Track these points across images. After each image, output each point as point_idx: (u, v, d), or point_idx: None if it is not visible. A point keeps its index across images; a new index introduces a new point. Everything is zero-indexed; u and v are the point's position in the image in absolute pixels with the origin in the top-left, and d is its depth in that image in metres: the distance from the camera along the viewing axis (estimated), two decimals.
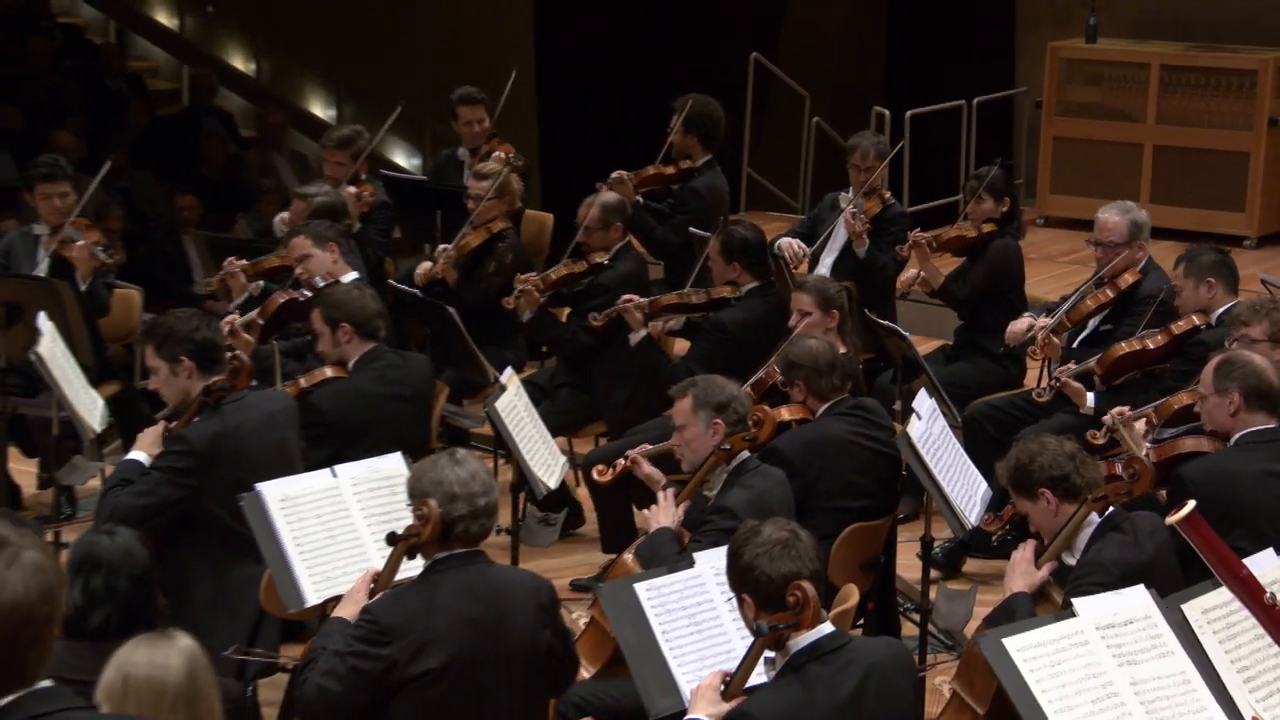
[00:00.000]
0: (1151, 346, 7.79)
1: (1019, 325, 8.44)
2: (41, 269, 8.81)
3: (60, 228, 8.84)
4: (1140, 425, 6.83)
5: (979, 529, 6.60)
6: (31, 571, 3.24)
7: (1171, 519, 4.84)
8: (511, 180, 9.46)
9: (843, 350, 7.47)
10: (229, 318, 8.21)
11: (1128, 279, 8.30)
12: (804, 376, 6.95)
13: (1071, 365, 7.89)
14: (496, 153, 9.76)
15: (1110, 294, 8.29)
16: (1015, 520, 6.01)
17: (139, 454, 6.56)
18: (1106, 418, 6.90)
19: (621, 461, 6.77)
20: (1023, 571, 5.63)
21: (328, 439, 7.34)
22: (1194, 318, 7.78)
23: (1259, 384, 6.35)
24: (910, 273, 9.17)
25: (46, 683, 3.28)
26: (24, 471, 9.23)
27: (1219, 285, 7.80)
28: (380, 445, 7.28)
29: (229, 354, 6.69)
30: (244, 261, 8.85)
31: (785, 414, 6.93)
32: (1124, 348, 7.80)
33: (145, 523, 6.22)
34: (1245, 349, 6.68)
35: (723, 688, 4.76)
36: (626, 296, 8.54)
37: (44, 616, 3.25)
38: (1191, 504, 4.82)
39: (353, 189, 9.62)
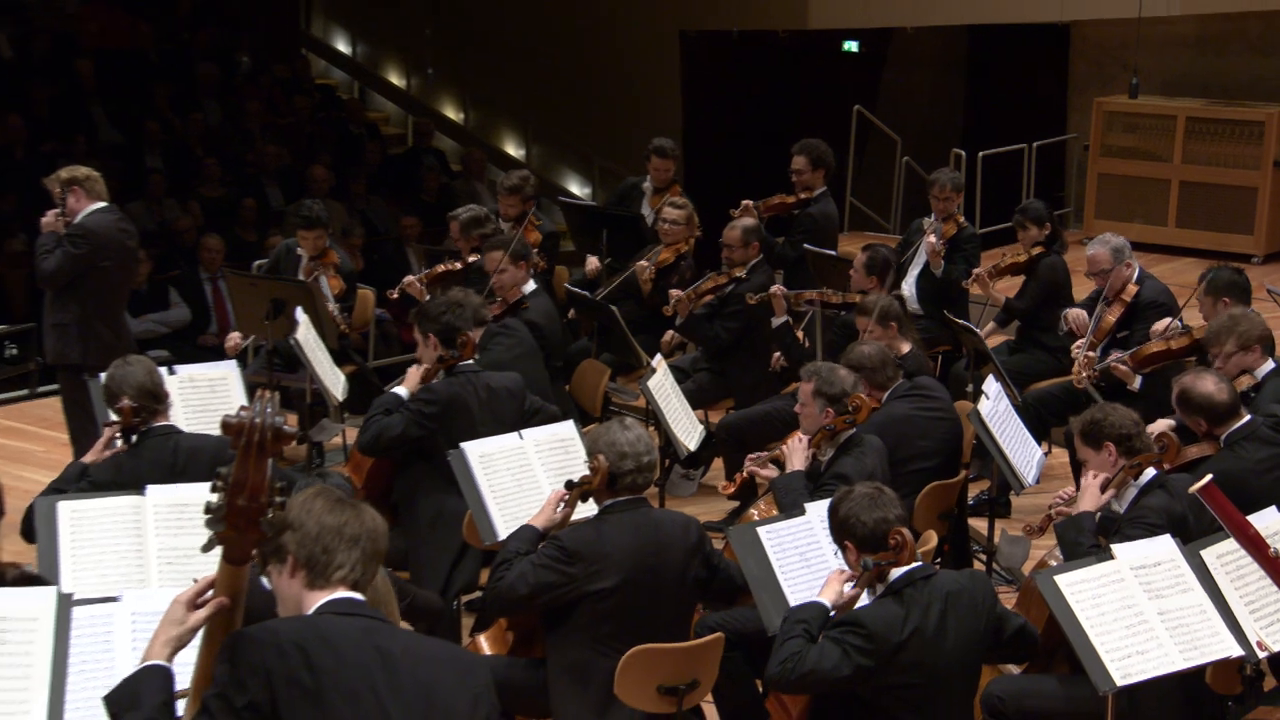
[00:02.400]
0: (1174, 347, 7.70)
1: (1073, 311, 8.40)
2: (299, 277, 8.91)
3: (317, 257, 8.93)
4: (1161, 424, 6.69)
5: None
6: (354, 512, 3.36)
7: (1193, 489, 4.82)
8: (694, 214, 9.51)
9: (906, 349, 7.44)
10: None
11: (1131, 290, 8.19)
12: (865, 375, 6.90)
13: (1116, 354, 7.83)
14: (677, 199, 9.75)
15: (1120, 309, 8.18)
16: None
17: (401, 389, 6.62)
18: None
19: (740, 475, 6.75)
20: (1091, 495, 5.58)
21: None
22: None
23: (1212, 406, 6.19)
24: (988, 330, 9.03)
25: (353, 595, 3.30)
26: None
27: (1234, 302, 7.66)
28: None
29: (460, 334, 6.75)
30: (420, 276, 8.98)
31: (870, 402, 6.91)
32: (1152, 347, 7.72)
33: (389, 447, 6.44)
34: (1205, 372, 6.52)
35: (845, 586, 4.77)
36: (777, 286, 8.55)
37: (354, 538, 3.32)
38: (1209, 476, 4.81)
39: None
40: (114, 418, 5.84)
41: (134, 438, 5.79)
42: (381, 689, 3.18)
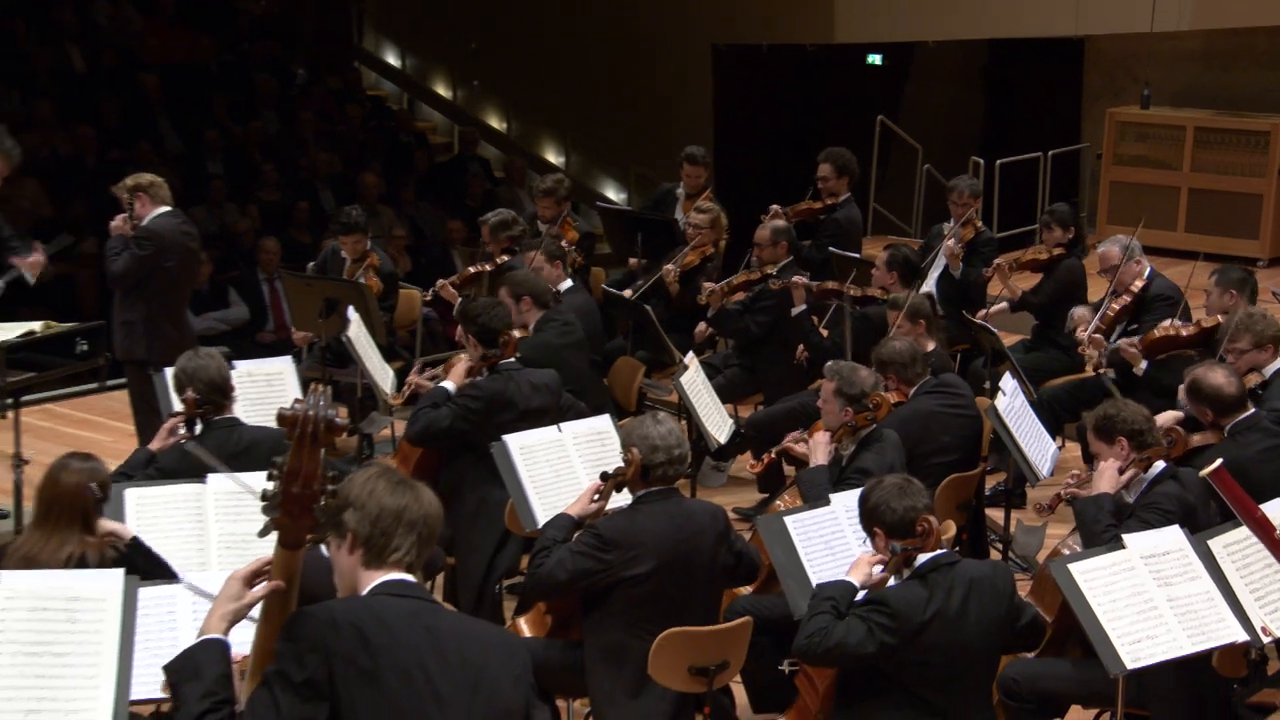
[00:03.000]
0: (1184, 334, 7.68)
1: (1079, 310, 8.39)
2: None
3: (360, 259, 8.97)
4: (1168, 416, 6.67)
5: None
6: (415, 497, 3.32)
7: (1203, 473, 4.80)
8: (721, 217, 9.51)
9: (932, 345, 7.42)
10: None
11: (1137, 285, 8.17)
12: (895, 370, 6.90)
13: (1124, 339, 7.82)
14: (703, 203, 9.75)
15: (1128, 299, 8.17)
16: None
17: (448, 383, 6.64)
18: None
19: (767, 456, 6.75)
20: (1109, 477, 5.55)
21: None
22: (1217, 317, 7.62)
23: (1220, 397, 6.21)
24: (989, 310, 9.05)
25: (407, 577, 3.29)
26: None
27: (1240, 297, 7.64)
28: (567, 382, 7.36)
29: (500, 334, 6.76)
30: (451, 281, 8.99)
31: (893, 398, 6.89)
32: (1158, 332, 7.70)
33: (436, 439, 6.46)
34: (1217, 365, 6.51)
35: (873, 569, 4.77)
36: (798, 275, 8.54)
37: (413, 521, 3.29)
38: (1220, 461, 4.80)
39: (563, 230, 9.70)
40: (178, 408, 5.87)
41: (198, 427, 5.81)
42: (432, 668, 3.18)
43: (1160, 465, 5.60)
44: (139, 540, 4.75)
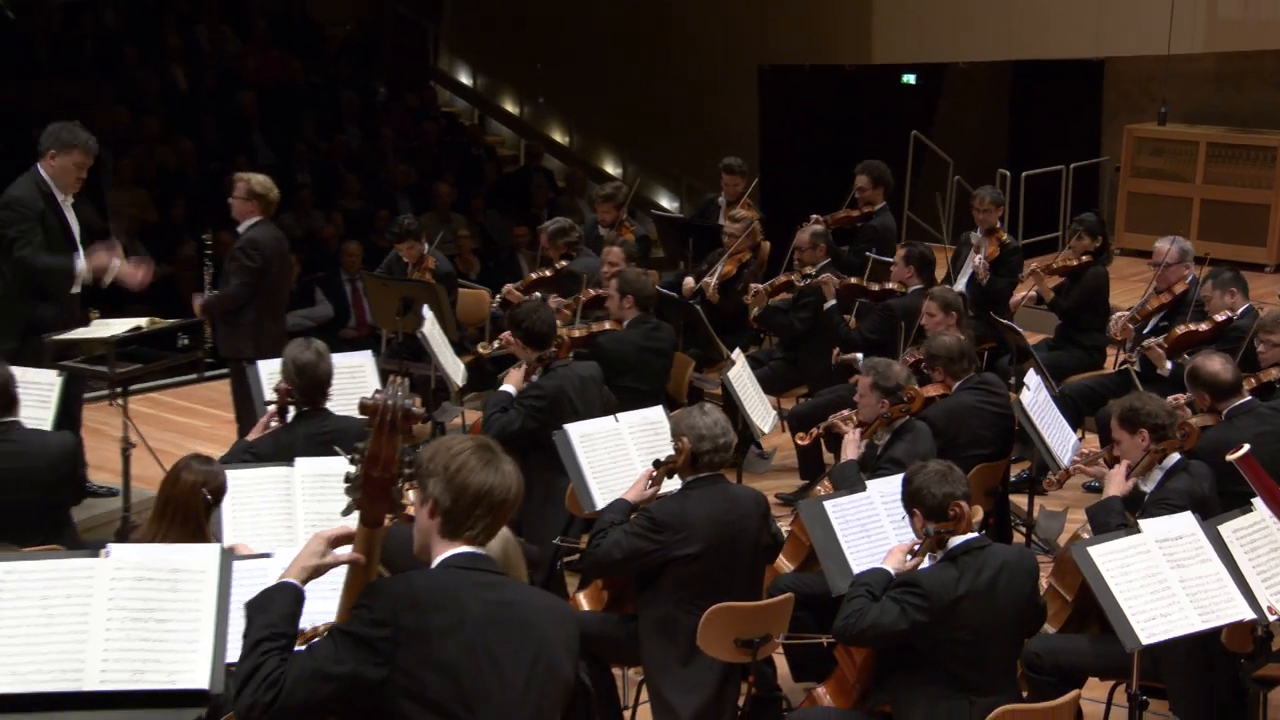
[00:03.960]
0: (1203, 329, 7.70)
1: (1123, 316, 8.33)
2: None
3: (417, 263, 9.02)
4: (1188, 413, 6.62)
5: None
6: (502, 473, 3.26)
7: (1231, 457, 4.78)
8: (756, 225, 9.49)
9: (961, 339, 7.39)
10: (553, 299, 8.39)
11: (1179, 288, 8.16)
12: (943, 364, 6.86)
13: (1152, 339, 7.79)
14: (743, 211, 9.74)
15: (1167, 298, 8.17)
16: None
17: (508, 386, 6.62)
18: None
19: (816, 429, 6.73)
20: (1117, 482, 5.51)
21: (603, 368, 7.30)
22: (1226, 312, 7.70)
23: (1217, 383, 6.19)
24: (1019, 295, 9.03)
25: (475, 550, 3.26)
26: None
27: (1239, 293, 7.77)
28: (637, 379, 7.40)
29: (556, 334, 6.76)
30: (516, 286, 9.00)
31: (930, 391, 6.85)
32: (1181, 330, 7.73)
33: (512, 440, 6.31)
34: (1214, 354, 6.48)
35: (907, 556, 4.75)
36: (826, 275, 8.52)
37: (499, 502, 3.25)
38: (1247, 446, 4.78)
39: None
40: (272, 397, 5.90)
41: (290, 415, 5.84)
42: (497, 641, 3.17)
43: (1175, 457, 5.55)
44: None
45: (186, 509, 4.63)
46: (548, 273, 8.99)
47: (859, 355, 7.86)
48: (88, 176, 7.45)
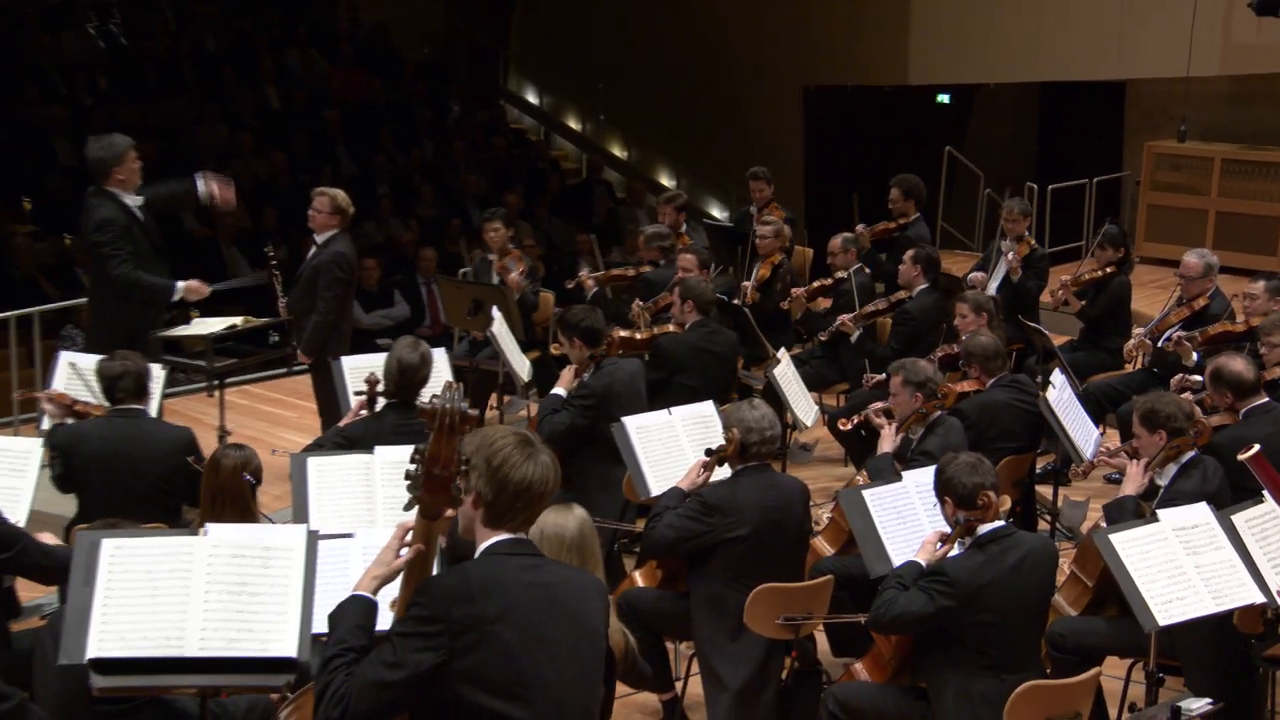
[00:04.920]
0: (1236, 330, 7.61)
1: (1130, 343, 8.22)
2: (494, 281, 8.99)
3: (502, 253, 9.00)
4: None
5: None
6: (540, 466, 3.24)
7: (1242, 456, 4.72)
8: (784, 229, 9.47)
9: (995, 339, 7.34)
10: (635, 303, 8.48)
11: (1201, 302, 8.02)
12: (979, 361, 6.81)
13: (1182, 333, 7.68)
14: (771, 216, 9.72)
15: (1188, 311, 8.02)
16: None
17: (559, 389, 6.62)
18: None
19: (857, 416, 6.70)
20: (1134, 481, 5.44)
21: (662, 366, 7.42)
22: (1261, 317, 7.51)
23: (1240, 383, 6.06)
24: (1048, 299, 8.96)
25: (518, 536, 3.25)
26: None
27: None
28: (692, 378, 7.36)
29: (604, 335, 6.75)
30: (596, 273, 9.07)
31: (964, 386, 6.80)
32: (1217, 327, 7.59)
33: (564, 440, 6.36)
34: (1237, 355, 6.37)
35: (937, 545, 4.72)
36: (842, 316, 8.47)
37: (538, 494, 3.23)
38: (1257, 447, 4.73)
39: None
40: (362, 387, 5.94)
41: (378, 406, 5.88)
42: (544, 620, 3.16)
43: (1191, 453, 5.48)
44: None
45: (233, 494, 4.62)
46: (630, 271, 9.01)
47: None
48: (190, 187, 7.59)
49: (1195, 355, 7.51)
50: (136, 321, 7.27)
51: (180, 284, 7.29)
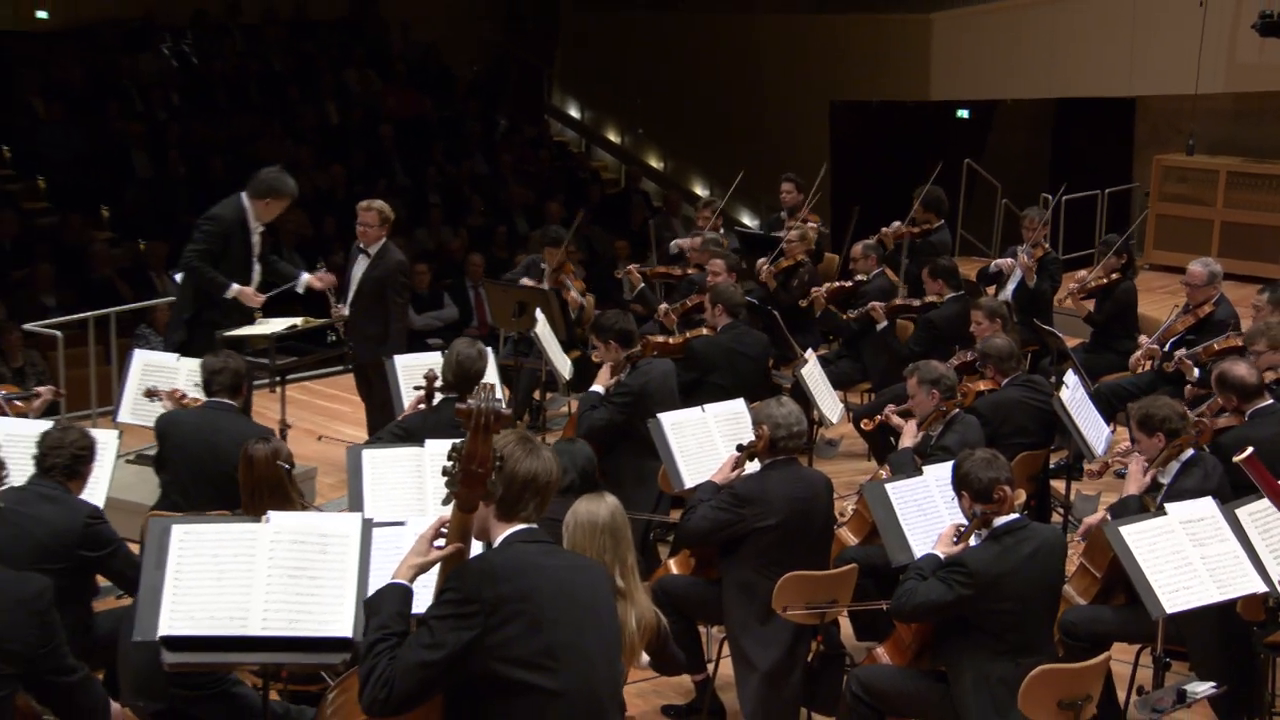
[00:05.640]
0: (1232, 345, 7.44)
1: (1137, 354, 8.09)
2: (544, 286, 8.98)
3: (557, 270, 9.00)
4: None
5: None
6: (542, 460, 3.29)
7: (1237, 459, 4.66)
8: (809, 232, 9.43)
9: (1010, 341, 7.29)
10: (661, 306, 8.45)
11: (1206, 309, 7.91)
12: (994, 362, 6.77)
13: (1183, 350, 7.59)
14: (811, 221, 9.71)
15: (1193, 319, 7.93)
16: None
17: (597, 386, 6.61)
18: None
19: (878, 416, 6.67)
20: (1136, 480, 5.40)
21: (695, 368, 7.39)
22: None
23: (1244, 386, 5.99)
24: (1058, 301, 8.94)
25: (531, 525, 3.29)
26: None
27: None
28: (723, 378, 7.32)
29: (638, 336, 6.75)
30: (640, 267, 9.24)
31: (981, 385, 6.76)
32: (1218, 345, 7.45)
33: (601, 435, 6.35)
34: (1240, 360, 6.29)
35: (955, 538, 4.70)
36: (873, 303, 8.44)
37: (543, 485, 3.28)
38: (1251, 449, 4.66)
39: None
40: (421, 383, 5.97)
41: (436, 400, 5.89)
42: (565, 597, 3.20)
43: (1190, 452, 5.43)
44: None
45: (271, 484, 4.59)
46: (677, 271, 9.02)
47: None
48: None
49: (1196, 371, 7.42)
50: (195, 314, 7.30)
51: (235, 286, 7.31)
